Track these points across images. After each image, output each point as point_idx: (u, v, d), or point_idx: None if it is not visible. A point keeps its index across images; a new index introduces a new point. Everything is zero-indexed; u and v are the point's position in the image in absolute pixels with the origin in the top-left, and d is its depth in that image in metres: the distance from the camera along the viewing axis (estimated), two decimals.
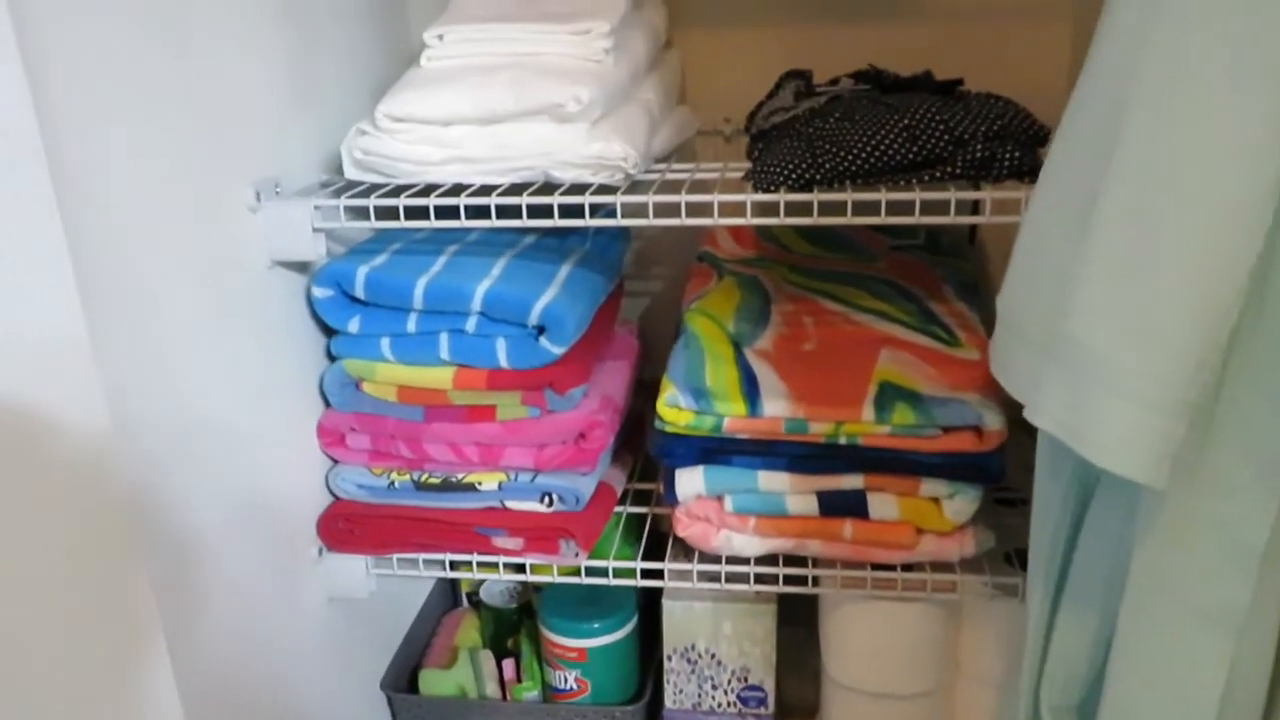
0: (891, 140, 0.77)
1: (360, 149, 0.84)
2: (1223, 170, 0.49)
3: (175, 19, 0.71)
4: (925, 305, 0.97)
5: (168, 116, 0.70)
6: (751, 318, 0.96)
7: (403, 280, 0.87)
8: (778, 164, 0.79)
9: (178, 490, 0.72)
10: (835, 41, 1.12)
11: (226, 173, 0.78)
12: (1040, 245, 0.63)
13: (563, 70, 0.83)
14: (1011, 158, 0.77)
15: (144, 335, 0.69)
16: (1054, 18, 1.08)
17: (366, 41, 1.04)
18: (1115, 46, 0.55)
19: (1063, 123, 0.63)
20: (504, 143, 0.82)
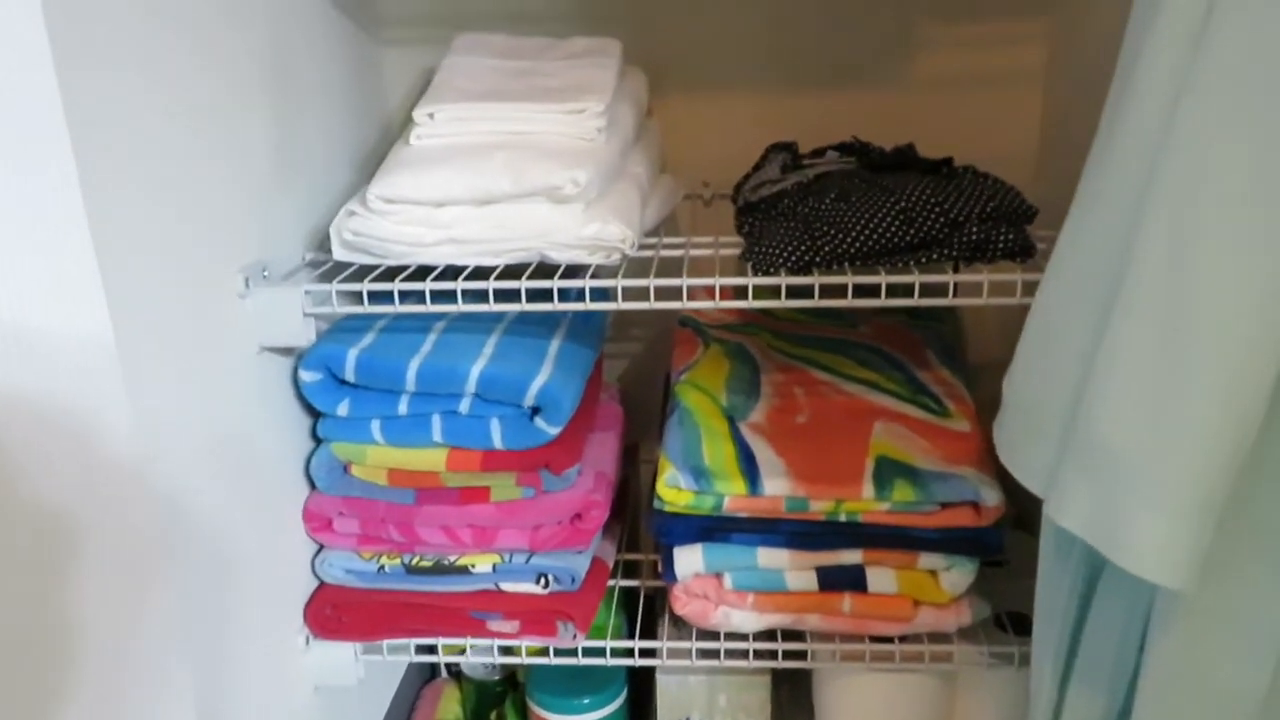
0: (889, 223, 0.78)
1: (350, 230, 0.82)
2: (1247, 276, 0.50)
3: (163, 105, 0.69)
4: (912, 374, 0.98)
5: (153, 205, 0.68)
6: (743, 389, 0.96)
7: (394, 362, 0.85)
8: (776, 246, 0.79)
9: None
10: (811, 108, 1.13)
11: (213, 259, 0.76)
12: (1053, 335, 0.64)
13: (557, 150, 0.83)
14: (1006, 239, 0.79)
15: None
16: (1025, 86, 1.11)
17: (345, 111, 1.03)
18: (1134, 141, 0.56)
19: (1074, 210, 0.64)
20: (499, 224, 0.81)
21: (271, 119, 0.85)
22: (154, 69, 0.68)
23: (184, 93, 0.71)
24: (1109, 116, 0.60)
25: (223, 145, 0.77)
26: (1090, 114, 0.98)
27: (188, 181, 0.72)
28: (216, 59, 0.76)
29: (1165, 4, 0.53)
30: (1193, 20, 0.52)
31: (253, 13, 0.82)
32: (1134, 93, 0.55)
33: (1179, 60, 0.52)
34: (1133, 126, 0.55)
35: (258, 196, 0.83)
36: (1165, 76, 0.53)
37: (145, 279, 0.66)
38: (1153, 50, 0.54)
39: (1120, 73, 0.59)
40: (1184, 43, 0.52)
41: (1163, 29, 0.53)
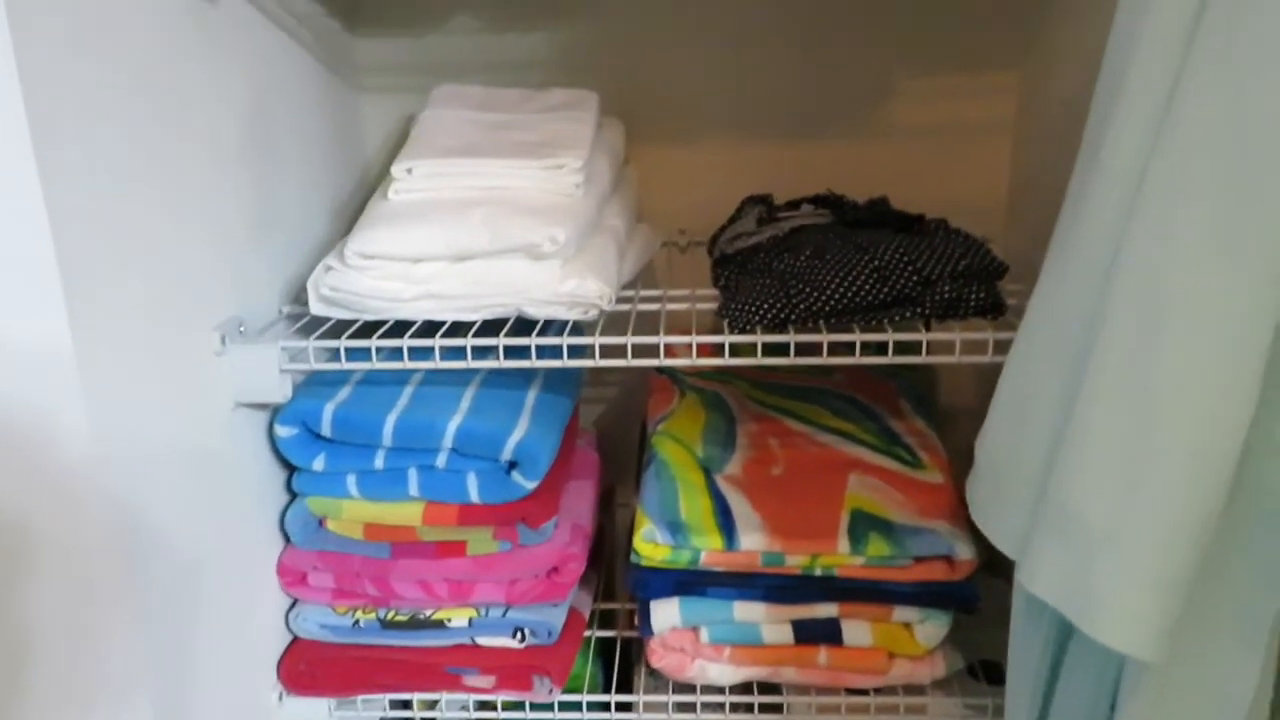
0: (863, 281, 0.79)
1: (328, 286, 0.82)
2: (1214, 345, 0.52)
3: (140, 168, 0.69)
4: (886, 424, 0.99)
5: (128, 267, 0.68)
6: (718, 440, 0.96)
7: (371, 417, 0.85)
8: (752, 303, 0.80)
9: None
10: (786, 156, 1.14)
11: (189, 318, 0.76)
12: (1025, 401, 0.65)
13: (535, 207, 0.83)
14: (977, 297, 0.80)
15: None
16: (995, 136, 1.13)
17: (322, 160, 1.03)
18: (1100, 216, 0.57)
19: (1044, 278, 0.66)
20: (477, 280, 0.82)
21: (249, 177, 0.85)
22: (131, 131, 0.68)
23: (161, 154, 0.71)
24: (1076, 189, 0.61)
25: (200, 204, 0.77)
26: (1059, 164, 1.00)
27: (164, 242, 0.72)
28: (195, 120, 0.76)
29: (1129, 86, 0.55)
30: (1157, 99, 0.53)
31: (232, 72, 0.82)
32: (1100, 169, 0.57)
33: (1143, 140, 0.54)
34: (1098, 203, 0.57)
35: (234, 253, 0.83)
36: (1130, 155, 0.54)
37: (120, 340, 0.66)
38: (1117, 130, 0.55)
39: (1086, 146, 0.61)
40: (1148, 123, 0.54)
41: (1127, 109, 0.55)
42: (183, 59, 0.74)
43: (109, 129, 0.65)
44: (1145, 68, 0.53)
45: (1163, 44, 0.52)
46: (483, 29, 1.10)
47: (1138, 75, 0.54)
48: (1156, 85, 0.52)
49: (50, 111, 0.59)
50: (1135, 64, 0.54)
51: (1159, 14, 0.53)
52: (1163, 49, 0.53)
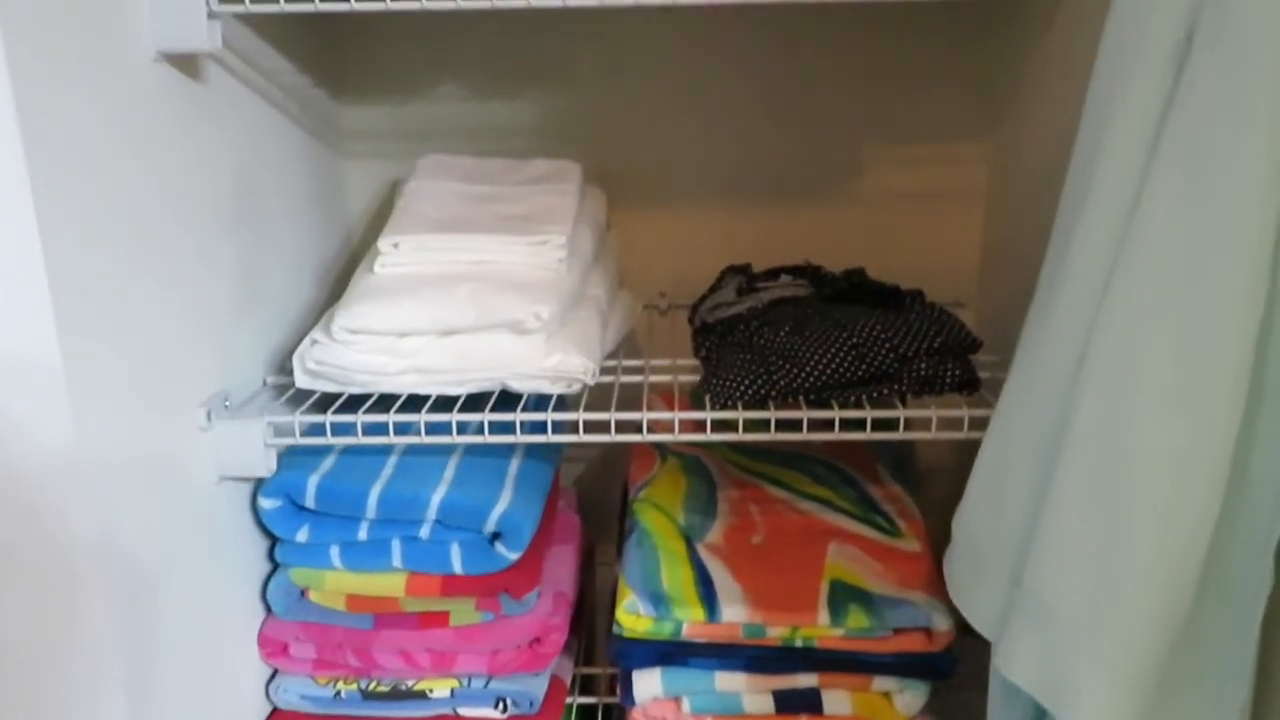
0: (842, 358, 0.81)
1: (314, 360, 0.83)
2: (1181, 444, 0.54)
3: (127, 249, 0.70)
4: (864, 490, 1.00)
5: (115, 345, 0.68)
6: (700, 507, 0.97)
7: (355, 489, 0.85)
8: (733, 380, 0.81)
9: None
10: (764, 222, 1.16)
11: (174, 394, 0.76)
12: (1000, 485, 0.67)
13: (521, 282, 0.85)
14: (953, 374, 0.82)
15: None
16: (967, 203, 1.16)
17: (307, 227, 1.04)
18: (1069, 317, 0.60)
19: (1016, 367, 0.68)
20: (462, 354, 0.83)
21: (235, 249, 0.86)
22: (120, 206, 0.68)
23: (149, 229, 0.72)
24: (1046, 284, 0.63)
25: (186, 278, 0.78)
26: (1030, 231, 1.03)
27: (150, 318, 0.72)
28: (182, 194, 0.77)
29: (1095, 191, 0.57)
30: (1121, 208, 0.56)
31: (220, 146, 0.83)
32: (1068, 270, 0.59)
33: (1108, 246, 0.56)
34: (1068, 303, 0.59)
35: (220, 325, 0.83)
36: (1096, 259, 0.57)
37: (107, 421, 0.67)
38: (1084, 233, 0.58)
39: (1055, 243, 0.63)
40: (1112, 230, 0.56)
41: (1092, 214, 0.57)
42: (172, 133, 0.75)
43: (100, 205, 0.66)
44: (1108, 176, 0.55)
45: (1125, 155, 0.55)
46: (467, 97, 1.12)
47: (1102, 182, 0.56)
48: (1119, 194, 0.55)
49: (48, 186, 0.60)
50: (1099, 171, 0.56)
51: (1122, 127, 0.55)
52: (1125, 160, 0.55)
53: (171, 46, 0.72)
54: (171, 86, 0.75)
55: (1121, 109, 0.56)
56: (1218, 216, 0.50)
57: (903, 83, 1.11)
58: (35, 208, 0.59)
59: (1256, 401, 0.52)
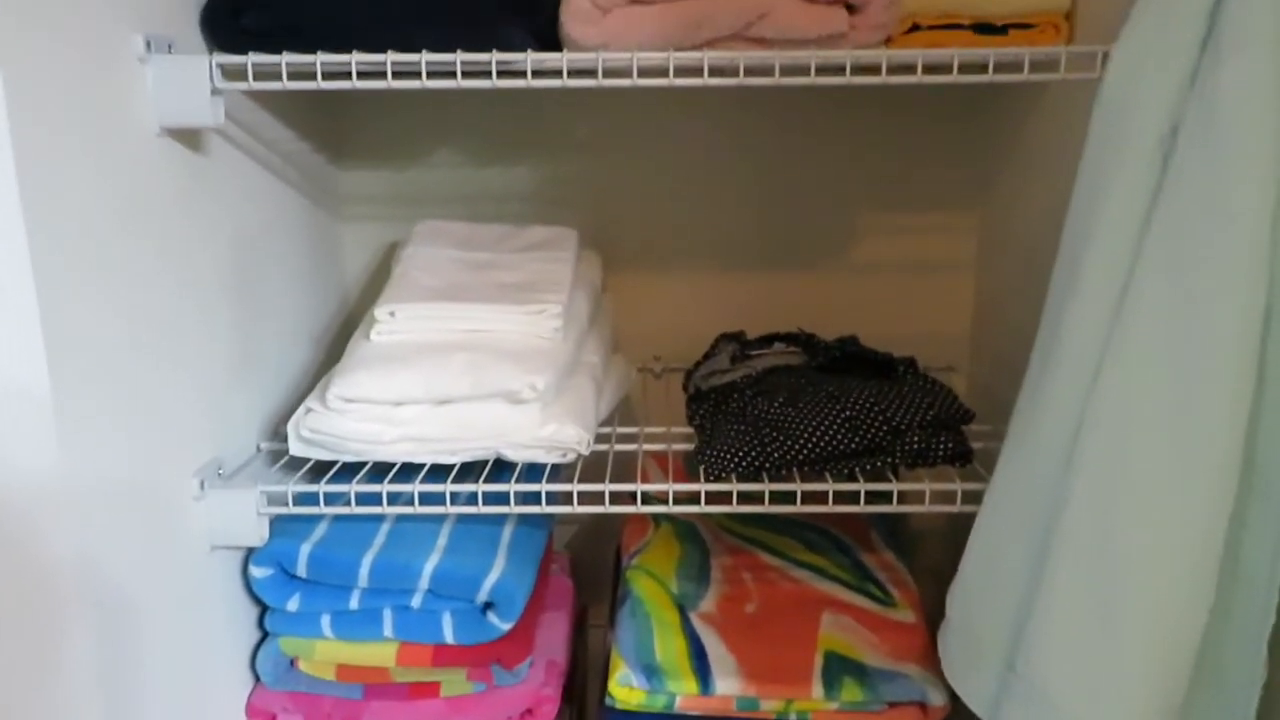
0: (835, 431, 0.81)
1: (308, 428, 0.83)
2: (1171, 539, 0.54)
3: (130, 305, 0.70)
4: (858, 558, 1.00)
5: (113, 415, 0.68)
6: (693, 575, 0.97)
7: (347, 557, 0.85)
8: (727, 451, 0.82)
9: None
10: (758, 287, 1.18)
11: (168, 464, 0.76)
12: (993, 567, 0.67)
13: (516, 352, 0.85)
14: (945, 447, 0.82)
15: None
16: (958, 272, 1.17)
17: (304, 291, 1.04)
18: (1062, 394, 0.60)
19: (1009, 445, 0.68)
20: (457, 423, 0.83)
21: (232, 316, 0.86)
22: (120, 281, 0.69)
23: (147, 300, 0.73)
24: (1037, 368, 0.64)
25: (183, 346, 0.78)
26: (1019, 299, 1.05)
27: (147, 388, 0.73)
28: (181, 263, 0.78)
29: (1083, 281, 0.58)
30: (1110, 296, 0.56)
31: (220, 215, 0.84)
32: (1059, 356, 0.60)
33: (1098, 334, 0.57)
34: (1058, 390, 0.59)
35: (215, 392, 0.84)
36: (1086, 348, 0.57)
37: (101, 493, 0.67)
38: (1074, 320, 0.58)
39: (1046, 327, 0.64)
40: (1102, 318, 0.57)
41: (1081, 303, 0.58)
42: (172, 203, 0.76)
43: (99, 273, 0.66)
44: (1096, 267, 0.56)
45: (1113, 247, 0.56)
46: (465, 163, 1.14)
47: (1090, 273, 0.57)
48: (1107, 286, 0.56)
49: (47, 252, 0.60)
50: (1087, 261, 0.57)
51: (1109, 218, 0.56)
52: (1112, 252, 0.56)
53: (175, 122, 0.73)
54: (173, 158, 0.76)
55: (1108, 201, 0.57)
56: (1203, 314, 0.51)
57: (894, 156, 1.13)
58: (34, 275, 0.59)
59: (1246, 494, 0.52)
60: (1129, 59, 0.59)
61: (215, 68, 0.72)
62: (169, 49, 0.73)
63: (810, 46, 0.80)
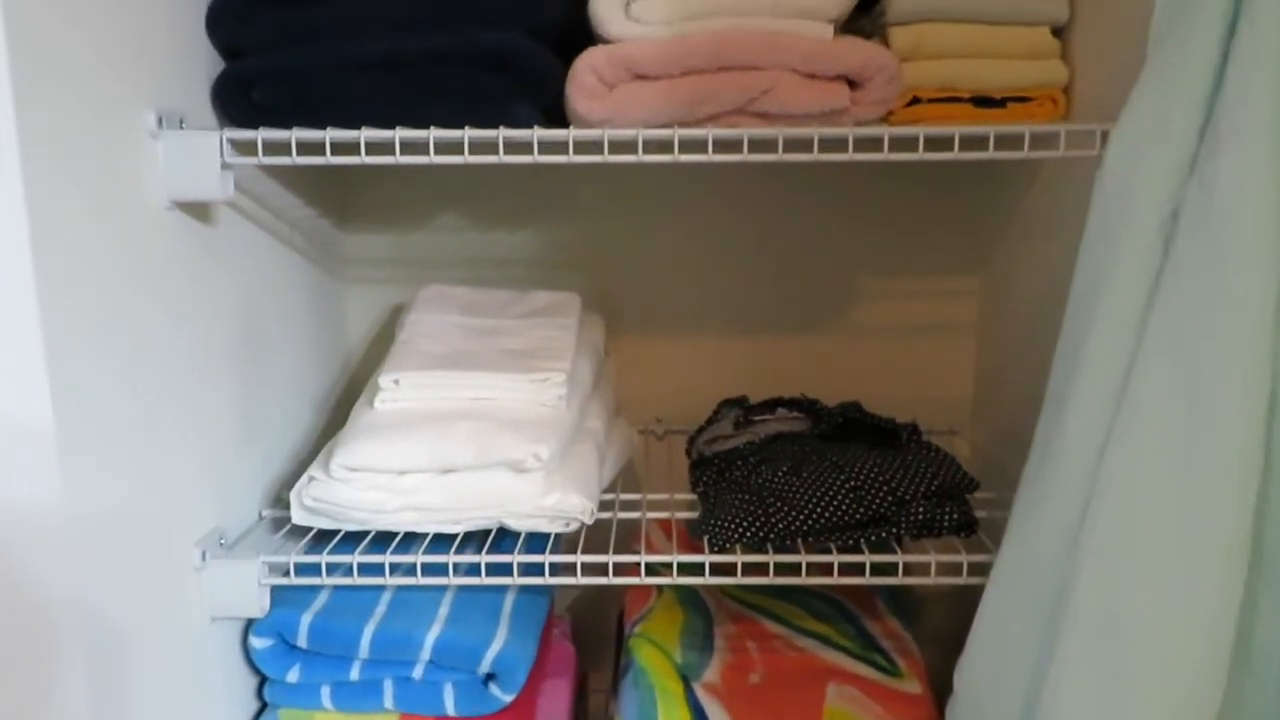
0: (839, 501, 0.81)
1: (311, 497, 0.83)
2: (1180, 624, 0.54)
3: (135, 373, 0.70)
4: (862, 625, 0.99)
5: (114, 485, 0.68)
6: (696, 644, 0.96)
7: (348, 628, 0.84)
8: (731, 521, 0.81)
9: None
10: (760, 350, 1.18)
11: (169, 533, 0.76)
12: (1002, 639, 0.67)
13: (520, 420, 0.85)
14: (950, 518, 0.82)
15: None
16: (959, 336, 1.18)
17: (308, 355, 1.05)
18: (1068, 476, 0.60)
19: (1015, 523, 0.68)
20: (460, 492, 0.83)
21: (236, 384, 0.86)
22: (126, 350, 0.69)
23: (153, 369, 0.73)
24: (1039, 454, 0.64)
25: (188, 414, 0.78)
26: (1020, 363, 1.05)
27: (151, 458, 0.72)
28: (188, 334, 0.78)
29: (1085, 365, 0.58)
30: (1113, 379, 0.57)
31: (227, 284, 0.85)
32: (1062, 437, 0.60)
33: (1102, 418, 0.57)
34: (1062, 478, 0.60)
35: (219, 459, 0.83)
36: (1090, 430, 0.58)
37: (103, 562, 0.66)
38: (1079, 401, 0.59)
39: (1049, 409, 0.64)
40: (1105, 402, 0.57)
41: (1085, 386, 0.58)
42: (180, 273, 0.77)
43: (106, 342, 0.67)
44: (1099, 351, 0.57)
45: (1115, 331, 0.56)
46: (469, 227, 1.15)
47: (1093, 356, 0.57)
48: (1110, 370, 0.56)
49: (57, 323, 0.61)
50: (1090, 345, 0.58)
51: (1112, 302, 0.57)
52: (1115, 336, 0.56)
53: (185, 196, 0.74)
54: (182, 229, 0.77)
55: (1111, 284, 0.57)
56: (1208, 401, 0.51)
57: (895, 221, 1.14)
58: (44, 345, 0.59)
59: (1256, 579, 0.52)
60: (1128, 143, 0.60)
61: (226, 143, 0.73)
62: (180, 124, 0.74)
63: (813, 121, 0.81)
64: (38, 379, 0.60)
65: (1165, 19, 0.61)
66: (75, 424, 0.63)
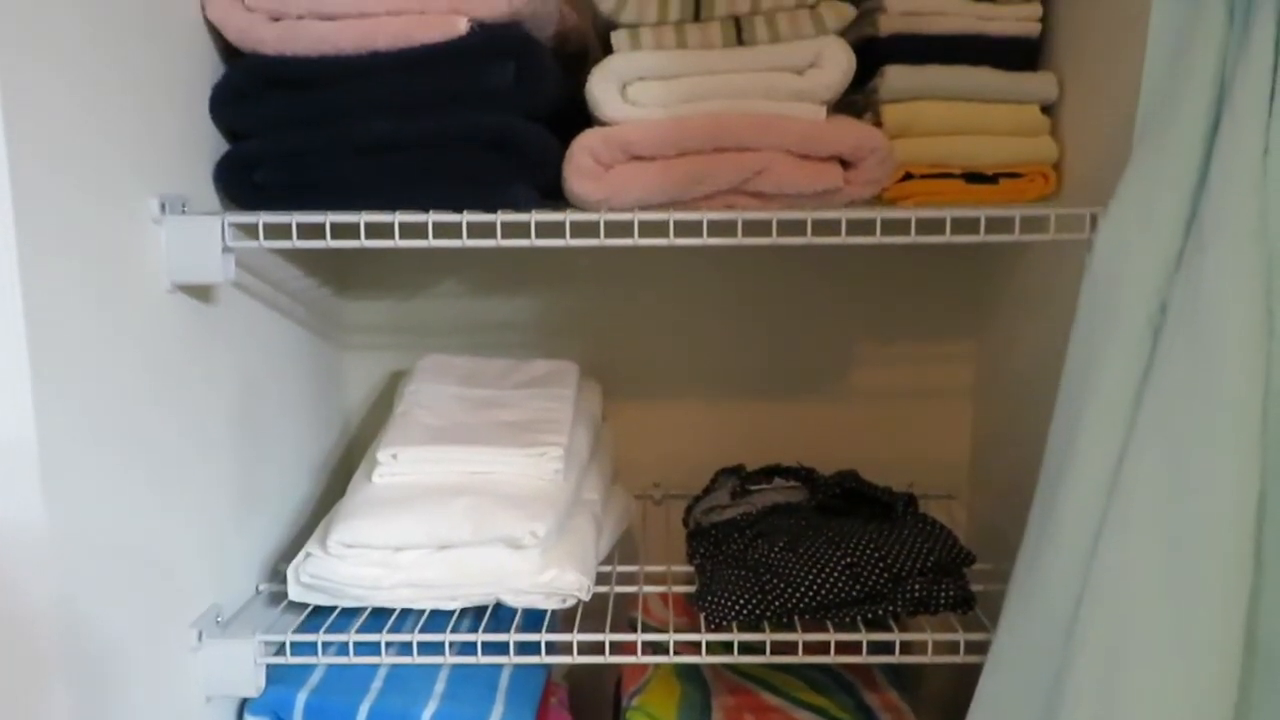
0: (836, 578, 0.81)
1: (308, 573, 0.83)
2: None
3: (136, 453, 0.71)
4: (861, 698, 0.99)
5: (113, 563, 0.68)
6: (694, 717, 0.95)
7: (344, 706, 0.84)
8: (728, 599, 0.82)
9: None
10: (758, 416, 1.18)
11: (167, 605, 0.76)
12: None
13: (517, 495, 0.85)
14: (946, 594, 0.82)
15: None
16: (955, 399, 1.18)
17: (306, 423, 1.05)
18: (1061, 564, 0.61)
19: (1012, 601, 0.68)
20: (457, 568, 0.83)
21: (235, 460, 0.87)
22: (124, 429, 0.69)
23: (151, 446, 0.73)
24: (1034, 541, 0.65)
25: (187, 492, 0.78)
26: (1016, 428, 1.05)
27: (148, 540, 0.73)
28: (187, 411, 0.78)
29: (1078, 455, 0.59)
30: (1105, 471, 0.57)
31: (227, 361, 0.85)
32: (1055, 532, 0.60)
33: (1094, 507, 0.58)
34: (1057, 569, 0.60)
35: (217, 536, 0.84)
36: (1083, 522, 0.58)
37: (98, 649, 0.66)
38: (1069, 492, 0.59)
39: (1041, 496, 0.64)
40: (1098, 490, 0.58)
41: (1076, 475, 0.59)
42: (181, 352, 0.77)
43: (102, 421, 0.67)
44: (1091, 442, 0.57)
45: (1106, 422, 0.57)
46: (466, 294, 1.16)
47: (1085, 448, 0.58)
48: (1102, 460, 0.57)
49: (52, 399, 0.61)
50: (1082, 435, 0.58)
51: (1102, 393, 0.57)
52: (1106, 427, 0.57)
53: (187, 279, 0.75)
54: (183, 310, 0.77)
55: (1101, 375, 0.58)
56: (1198, 498, 0.52)
57: (890, 288, 1.15)
58: (36, 425, 0.60)
59: (1250, 676, 0.52)
60: (1116, 235, 0.61)
61: (227, 226, 0.74)
62: (183, 208, 0.75)
63: (806, 201, 0.82)
64: (28, 457, 0.60)
65: (1150, 111, 0.63)
66: (69, 512, 0.63)
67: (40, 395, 0.60)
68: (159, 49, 0.74)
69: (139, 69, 0.72)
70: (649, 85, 0.82)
